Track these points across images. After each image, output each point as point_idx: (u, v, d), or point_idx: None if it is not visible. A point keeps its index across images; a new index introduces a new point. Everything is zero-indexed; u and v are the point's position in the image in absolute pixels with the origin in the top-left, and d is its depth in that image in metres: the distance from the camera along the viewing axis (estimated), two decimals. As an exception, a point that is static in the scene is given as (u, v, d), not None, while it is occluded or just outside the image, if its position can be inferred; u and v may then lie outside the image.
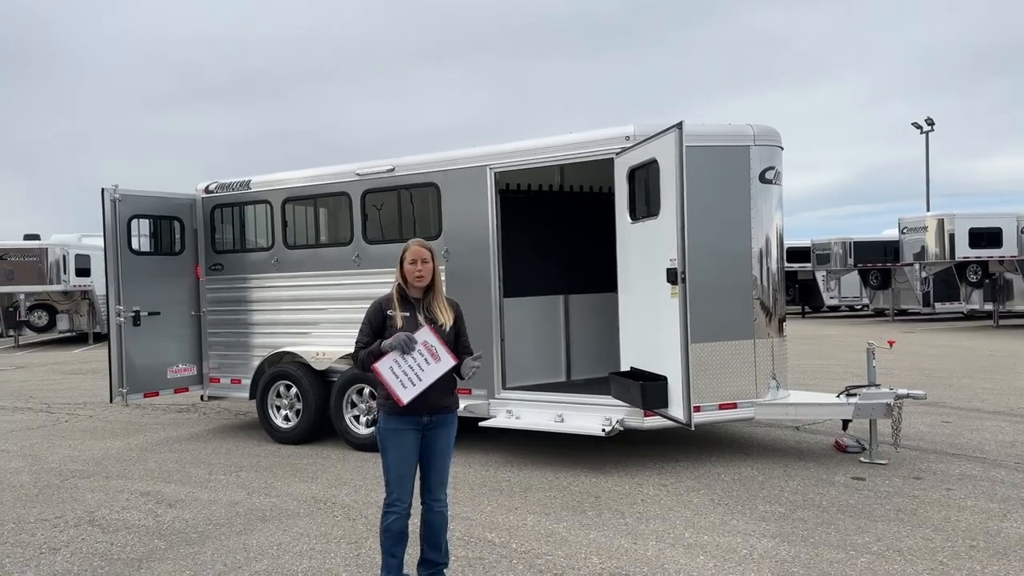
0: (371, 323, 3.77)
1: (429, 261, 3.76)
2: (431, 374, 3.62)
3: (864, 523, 4.82)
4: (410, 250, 3.76)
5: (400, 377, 3.59)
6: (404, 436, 3.69)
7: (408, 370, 3.60)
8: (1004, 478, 5.76)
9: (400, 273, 3.78)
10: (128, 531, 5.07)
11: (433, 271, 3.79)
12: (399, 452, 3.69)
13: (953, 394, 9.59)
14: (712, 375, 6.13)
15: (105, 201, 7.77)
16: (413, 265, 3.74)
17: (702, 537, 4.65)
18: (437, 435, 3.77)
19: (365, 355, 3.70)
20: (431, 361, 3.63)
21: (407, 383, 3.60)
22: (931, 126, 34.55)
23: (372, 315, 3.78)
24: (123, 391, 7.84)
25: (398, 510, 3.71)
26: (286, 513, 5.35)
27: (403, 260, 3.76)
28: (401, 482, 3.71)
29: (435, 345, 3.63)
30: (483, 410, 6.81)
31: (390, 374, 3.60)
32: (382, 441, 3.74)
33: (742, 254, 6.28)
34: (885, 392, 6.24)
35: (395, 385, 3.60)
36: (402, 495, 3.70)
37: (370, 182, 7.40)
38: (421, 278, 3.74)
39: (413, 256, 3.74)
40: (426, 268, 3.74)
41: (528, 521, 5.03)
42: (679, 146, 5.15)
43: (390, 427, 3.70)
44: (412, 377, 3.60)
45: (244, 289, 8.19)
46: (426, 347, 3.62)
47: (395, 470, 3.71)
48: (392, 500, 3.71)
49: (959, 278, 21.32)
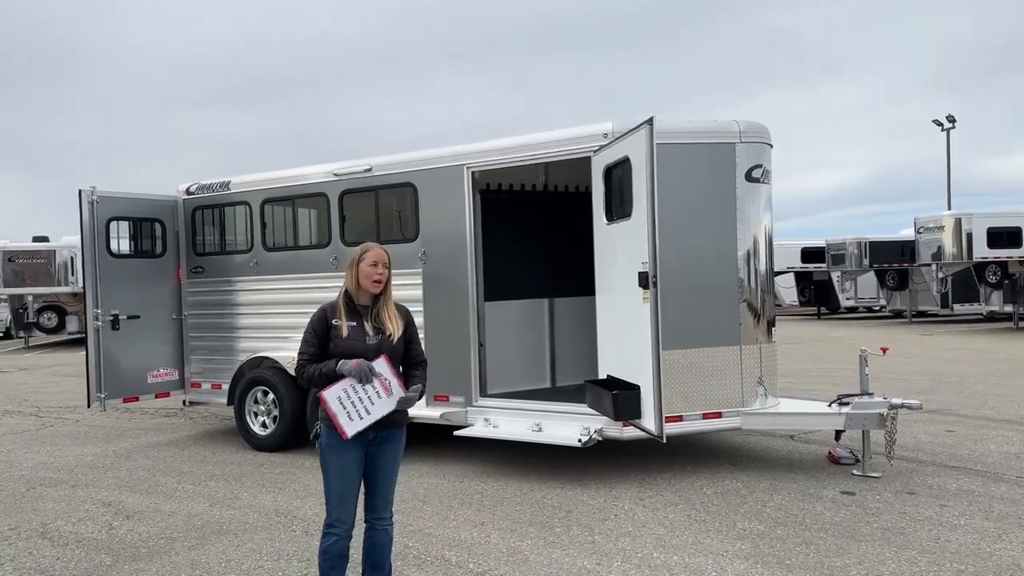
0: (316, 332, 3.49)
1: (388, 266, 3.54)
2: (380, 409, 3.40)
3: (846, 543, 4.53)
4: (371, 251, 3.50)
5: (348, 409, 3.36)
6: (347, 453, 3.43)
7: (358, 401, 3.37)
8: (1003, 494, 5.42)
9: (353, 276, 3.51)
10: (78, 545, 4.89)
11: (388, 277, 3.55)
12: (342, 470, 3.45)
13: (962, 400, 9.21)
14: (695, 383, 5.85)
15: (83, 203, 7.63)
16: (373, 267, 3.47)
17: (671, 557, 4.38)
18: (383, 452, 3.52)
19: (316, 374, 3.43)
20: (383, 395, 3.40)
21: (354, 415, 3.37)
22: (952, 123, 33.79)
23: (316, 324, 3.51)
24: (101, 396, 7.71)
25: (339, 531, 3.46)
26: (244, 527, 5.15)
27: (360, 261, 3.49)
28: (343, 502, 3.46)
29: (389, 379, 3.42)
30: (460, 418, 6.58)
31: (338, 404, 3.36)
32: (324, 458, 3.47)
33: (727, 256, 6.00)
34: (878, 401, 5.92)
35: (342, 417, 3.35)
36: (343, 516, 3.45)
37: (348, 183, 7.19)
38: (379, 283, 3.49)
39: (375, 258, 3.48)
40: (385, 272, 3.51)
41: (492, 538, 4.78)
42: (650, 143, 4.88)
43: (332, 443, 3.43)
44: (360, 410, 3.38)
45: (224, 292, 8.03)
46: (380, 381, 3.39)
47: (337, 489, 3.45)
48: (332, 521, 3.45)
49: (978, 279, 20.74)
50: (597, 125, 5.97)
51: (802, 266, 27.22)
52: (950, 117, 33.64)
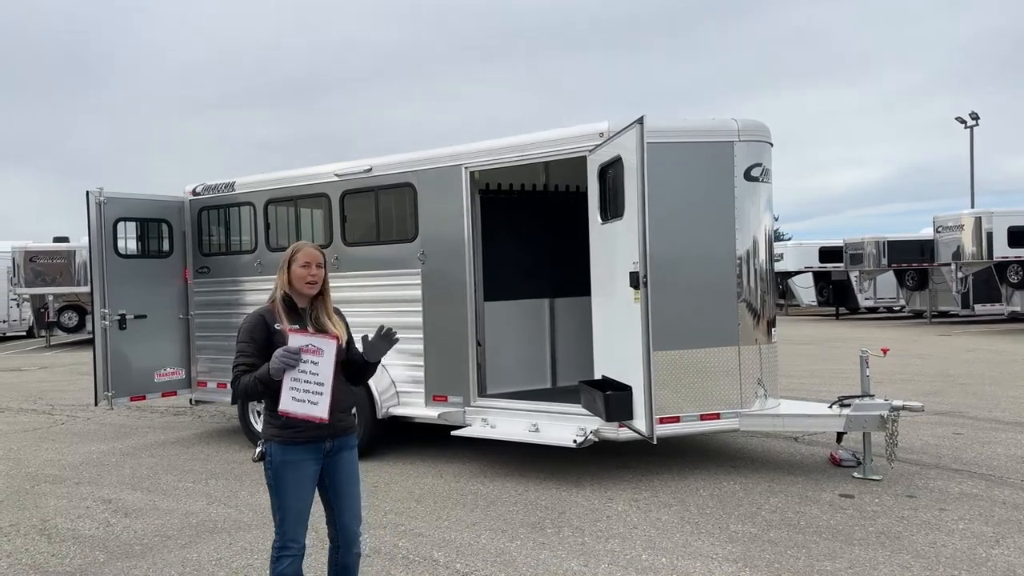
0: (255, 341, 3.18)
1: (323, 266, 3.32)
2: (326, 371, 3.09)
3: (839, 547, 4.46)
4: (303, 251, 3.28)
5: (306, 398, 3.08)
6: (303, 468, 3.19)
7: (307, 383, 3.09)
8: (1006, 498, 5.32)
9: (285, 278, 3.26)
10: (74, 541, 4.95)
11: (324, 278, 3.33)
12: (298, 487, 3.18)
13: (974, 402, 9.05)
14: (692, 384, 5.80)
15: (90, 204, 7.73)
16: (306, 268, 3.23)
17: (659, 560, 4.35)
18: (341, 461, 3.31)
19: (252, 382, 3.11)
20: (318, 359, 3.05)
21: (315, 398, 3.09)
22: (976, 120, 33.26)
23: (255, 331, 3.19)
24: (108, 395, 7.81)
25: (294, 552, 3.21)
26: (238, 525, 5.18)
27: (291, 262, 3.27)
28: (299, 520, 3.21)
29: (308, 341, 3.09)
30: (458, 418, 6.58)
31: (297, 404, 3.06)
32: (277, 476, 3.18)
33: (725, 256, 5.94)
34: (879, 403, 5.83)
35: (308, 409, 3.08)
36: (298, 535, 3.24)
37: (349, 183, 7.22)
38: (313, 284, 3.28)
39: (307, 258, 3.24)
40: (319, 273, 3.29)
41: (482, 539, 4.77)
42: (640, 142, 4.84)
43: (288, 459, 3.16)
44: (314, 387, 3.09)
45: (230, 292, 8.10)
46: (304, 350, 3.07)
47: (294, 507, 3.19)
48: (286, 542, 3.21)
49: (999, 279, 20.39)
50: (593, 124, 5.94)
51: (820, 266, 26.92)
52: (973, 114, 33.12)
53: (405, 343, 6.15)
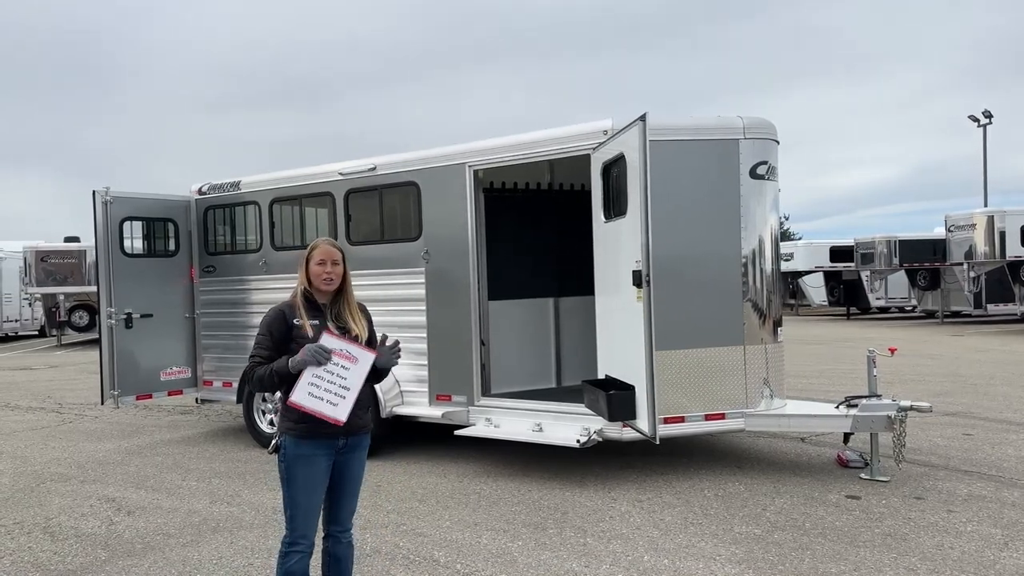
0: (272, 334, 3.25)
1: (340, 263, 3.34)
2: (356, 379, 3.17)
3: (844, 549, 4.41)
4: (319, 249, 3.33)
5: (326, 396, 3.13)
6: (315, 464, 3.21)
7: (331, 384, 3.14)
8: (1016, 500, 5.24)
9: (304, 275, 3.35)
10: (77, 540, 4.96)
11: (344, 275, 3.37)
12: (310, 483, 3.21)
13: (984, 403, 8.95)
14: (697, 383, 5.76)
15: (96, 203, 7.75)
16: (321, 266, 3.28)
17: (661, 561, 4.31)
18: (351, 459, 3.34)
19: (267, 373, 3.17)
20: (349, 365, 3.18)
21: (336, 399, 3.14)
22: (989, 118, 32.95)
23: (273, 325, 3.26)
24: (115, 393, 7.84)
25: (303, 548, 3.23)
26: (240, 524, 5.18)
27: (309, 260, 3.33)
28: (308, 517, 3.24)
29: (345, 347, 3.19)
30: (462, 417, 6.55)
31: (313, 400, 3.11)
32: (289, 471, 3.22)
33: (730, 254, 5.88)
34: (886, 404, 5.76)
35: (325, 408, 3.13)
36: (308, 531, 3.26)
37: (353, 182, 7.21)
38: (330, 281, 3.31)
39: (323, 256, 3.29)
40: (336, 270, 3.32)
41: (483, 539, 4.75)
42: (643, 139, 4.80)
43: (301, 454, 3.20)
44: (337, 390, 3.14)
45: (235, 291, 8.11)
46: (337, 354, 3.18)
47: (304, 503, 3.22)
48: (295, 538, 3.23)
49: (1012, 278, 20.19)
50: (596, 122, 5.90)
51: (831, 265, 26.75)
52: (987, 112, 32.81)
53: (409, 342, 6.15)
